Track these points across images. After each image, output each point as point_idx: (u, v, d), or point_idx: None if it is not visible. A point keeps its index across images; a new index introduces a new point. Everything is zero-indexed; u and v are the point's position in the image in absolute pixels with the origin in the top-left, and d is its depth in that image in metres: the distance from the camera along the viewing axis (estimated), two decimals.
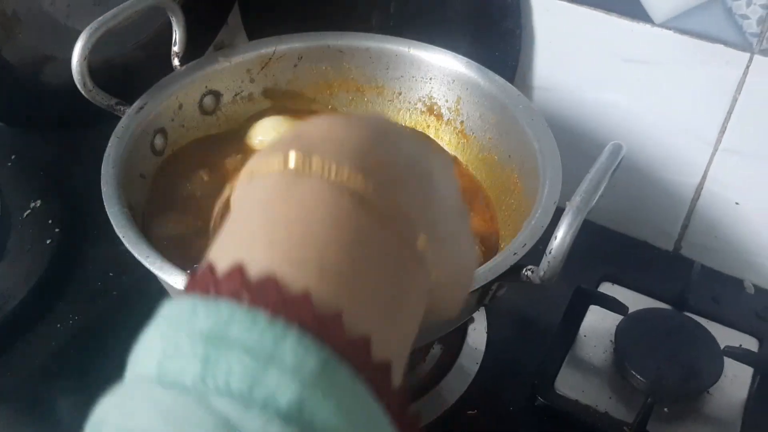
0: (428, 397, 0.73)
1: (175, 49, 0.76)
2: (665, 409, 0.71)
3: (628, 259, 0.90)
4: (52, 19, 0.79)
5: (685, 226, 0.89)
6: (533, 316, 0.83)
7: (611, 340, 0.77)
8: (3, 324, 0.77)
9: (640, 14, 0.78)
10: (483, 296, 0.59)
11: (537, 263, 0.55)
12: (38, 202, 0.91)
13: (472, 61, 0.78)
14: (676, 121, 0.83)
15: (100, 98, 0.70)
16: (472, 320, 0.79)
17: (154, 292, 0.68)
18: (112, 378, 0.78)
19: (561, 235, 0.51)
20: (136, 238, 0.57)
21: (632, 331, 0.75)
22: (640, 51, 0.81)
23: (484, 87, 0.77)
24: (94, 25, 0.66)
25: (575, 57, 0.85)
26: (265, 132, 0.77)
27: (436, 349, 0.77)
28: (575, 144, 0.81)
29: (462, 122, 0.80)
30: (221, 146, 0.78)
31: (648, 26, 0.79)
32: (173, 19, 0.74)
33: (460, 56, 0.79)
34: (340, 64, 0.83)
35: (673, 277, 0.84)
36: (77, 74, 0.67)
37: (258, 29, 1.04)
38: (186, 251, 0.66)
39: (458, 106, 0.80)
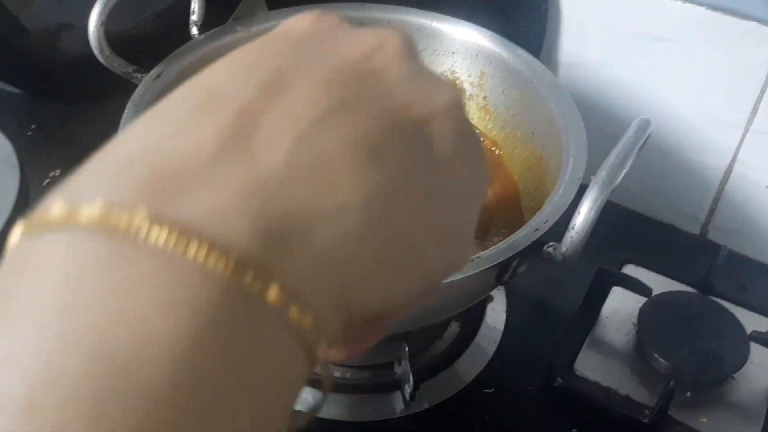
0: (444, 375, 0.72)
1: (194, 17, 0.75)
2: (688, 394, 0.69)
3: (653, 243, 0.88)
4: None
5: (712, 210, 0.87)
6: (554, 297, 0.81)
7: (633, 323, 0.75)
8: None
9: None
10: (502, 273, 0.57)
11: (559, 241, 0.53)
12: (57, 172, 0.91)
13: (496, 35, 0.77)
14: (706, 100, 0.81)
15: (117, 65, 0.69)
16: (491, 299, 0.78)
17: None
18: None
19: (585, 210, 0.49)
20: None
21: (655, 314, 0.74)
22: (669, 28, 0.78)
23: (508, 61, 0.75)
24: None
25: (602, 33, 0.83)
26: None
27: (454, 327, 0.76)
28: (600, 122, 0.78)
29: (485, 97, 0.79)
30: None
31: (678, 2, 0.76)
32: None
33: (484, 29, 0.77)
34: None
35: (698, 261, 0.82)
36: (94, 40, 0.66)
37: (278, 1, 1.02)
38: None
39: (481, 81, 0.78)
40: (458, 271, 0.28)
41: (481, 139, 0.78)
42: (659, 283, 0.78)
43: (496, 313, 0.77)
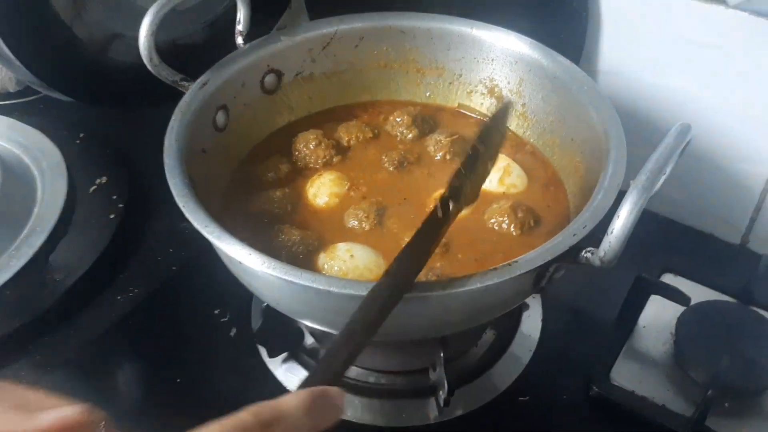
0: (479, 382, 0.73)
1: (239, 27, 0.76)
2: (726, 404, 0.68)
3: (692, 251, 0.87)
4: None
5: (753, 219, 0.86)
6: (590, 305, 0.81)
7: (671, 332, 0.74)
8: (67, 294, 0.80)
9: None
10: (540, 278, 0.57)
11: (598, 247, 0.53)
12: (104, 179, 0.94)
13: (536, 42, 0.77)
14: (748, 108, 0.80)
15: (165, 73, 0.71)
16: (526, 307, 0.78)
17: (211, 268, 0.69)
18: (169, 350, 0.81)
19: (624, 215, 0.49)
20: (195, 208, 0.58)
21: (694, 323, 0.73)
22: (711, 34, 0.78)
23: (547, 68, 0.75)
24: (161, 1, 0.68)
25: (643, 40, 0.83)
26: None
27: (489, 334, 0.76)
28: (640, 129, 0.78)
29: (524, 104, 0.79)
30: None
31: (722, 8, 0.76)
32: None
33: (524, 36, 0.78)
34: (401, 44, 0.83)
35: (738, 270, 0.81)
36: (144, 49, 0.68)
37: (320, 11, 1.04)
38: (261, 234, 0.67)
39: (520, 88, 0.79)
40: None
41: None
42: (698, 293, 0.77)
43: (532, 321, 0.78)
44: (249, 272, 0.57)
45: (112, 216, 0.89)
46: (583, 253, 0.54)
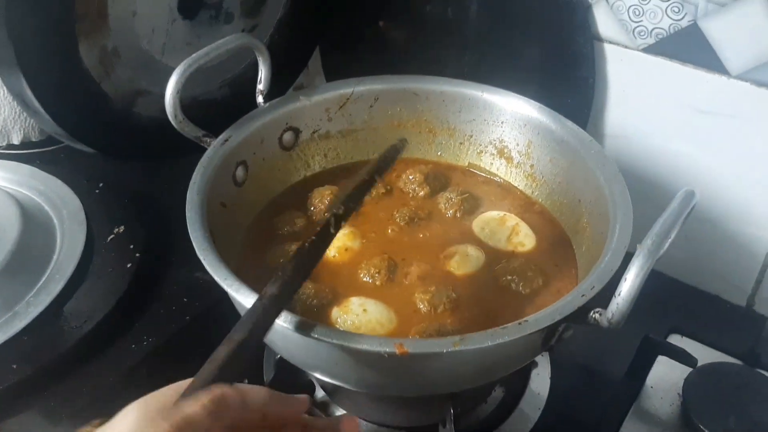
0: None
1: (260, 87, 0.80)
2: None
3: (698, 313, 0.88)
4: (148, 56, 0.85)
5: (759, 281, 0.87)
6: (599, 365, 0.82)
7: (679, 393, 0.75)
8: (81, 342, 0.81)
9: (715, 65, 0.79)
10: (549, 337, 0.59)
11: (606, 306, 0.55)
12: (122, 228, 0.95)
13: (544, 106, 0.80)
14: (751, 173, 0.82)
15: (188, 130, 0.74)
16: (535, 365, 0.79)
17: (225, 319, 0.71)
18: None
19: (631, 278, 0.51)
20: (215, 261, 0.60)
21: (701, 385, 0.74)
22: (715, 102, 0.81)
23: (555, 132, 0.78)
24: (187, 61, 0.71)
25: (649, 106, 0.86)
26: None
27: (498, 392, 0.77)
28: (646, 192, 0.80)
29: (532, 165, 0.82)
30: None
31: (724, 78, 0.79)
32: (260, 58, 0.78)
33: (533, 101, 0.81)
34: (414, 105, 0.86)
35: (745, 332, 0.82)
36: (170, 107, 0.71)
37: (336, 72, 1.08)
38: None
39: (529, 150, 0.81)
40: None
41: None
42: (705, 354, 0.78)
43: (541, 379, 0.78)
44: None
45: (128, 265, 0.90)
46: (591, 313, 0.56)
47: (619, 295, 0.52)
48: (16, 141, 1.11)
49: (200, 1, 0.87)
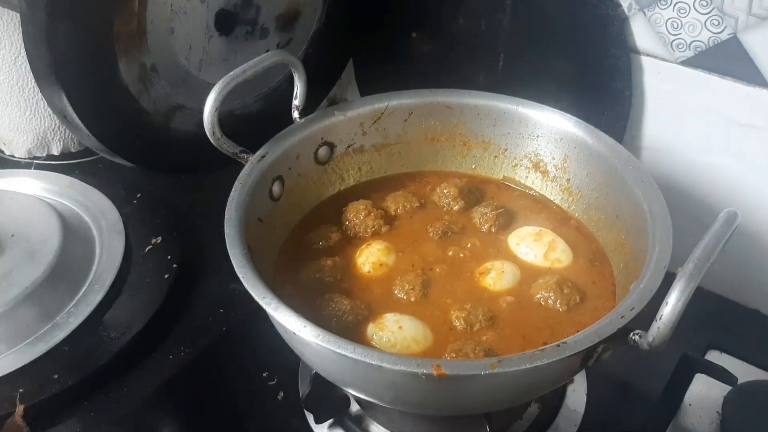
0: None
1: (296, 102, 0.80)
2: None
3: (738, 328, 0.87)
4: (186, 72, 0.86)
5: None
6: (636, 381, 0.81)
7: (718, 411, 0.74)
8: (120, 352, 0.82)
9: (756, 78, 0.77)
10: (587, 358, 0.58)
11: (644, 327, 0.54)
12: (159, 239, 0.97)
13: (581, 120, 0.79)
14: None
15: (226, 146, 0.75)
16: (572, 381, 0.78)
17: (260, 331, 0.72)
18: (217, 410, 0.82)
19: (672, 302, 0.51)
20: (254, 278, 0.61)
21: (741, 403, 0.73)
22: (755, 115, 0.79)
23: (592, 146, 0.77)
24: (225, 79, 0.72)
25: (687, 119, 0.84)
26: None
27: (534, 408, 0.76)
28: (685, 207, 0.80)
29: (568, 180, 0.81)
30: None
31: (765, 91, 0.77)
32: (296, 74, 0.79)
33: (568, 115, 0.80)
34: (448, 119, 0.86)
35: None
36: (208, 124, 0.72)
37: (369, 85, 1.09)
38: (311, 302, 0.69)
39: (565, 164, 0.81)
40: None
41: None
42: (745, 372, 0.77)
43: (577, 396, 0.78)
44: (302, 342, 0.59)
45: (166, 276, 0.92)
46: (631, 335, 0.55)
47: (660, 319, 0.51)
48: (55, 152, 1.13)
49: (236, 17, 0.88)
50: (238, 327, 0.87)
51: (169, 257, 0.94)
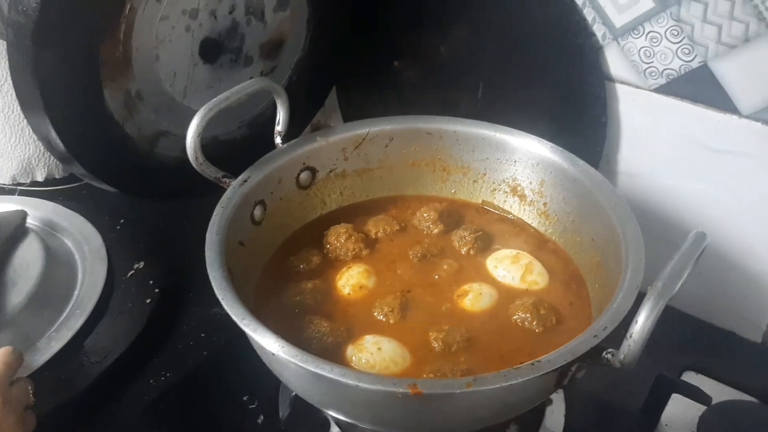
0: None
1: (278, 128, 0.82)
2: None
3: (713, 349, 0.88)
4: (170, 99, 0.87)
5: None
6: (613, 402, 0.82)
7: (693, 431, 0.75)
8: (102, 377, 0.82)
9: (726, 105, 0.80)
10: (562, 377, 0.59)
11: (618, 346, 0.55)
12: (141, 264, 0.97)
13: (557, 146, 0.81)
14: (763, 210, 0.83)
15: (209, 171, 0.76)
16: (550, 402, 0.79)
17: (241, 355, 0.72)
18: None
19: (642, 320, 0.52)
20: (233, 301, 0.62)
21: (716, 423, 0.74)
22: (726, 141, 0.82)
23: (568, 171, 0.79)
24: (209, 105, 0.73)
25: (661, 145, 0.87)
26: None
27: (513, 429, 0.77)
28: (658, 230, 0.81)
29: (545, 203, 0.83)
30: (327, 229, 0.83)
31: (735, 117, 0.80)
32: (278, 101, 0.80)
33: (545, 141, 0.82)
34: (429, 145, 0.87)
35: (760, 369, 0.82)
36: (191, 149, 0.73)
37: (353, 111, 1.10)
38: (292, 324, 0.70)
39: (542, 188, 0.83)
40: None
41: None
42: (719, 392, 0.78)
43: (555, 416, 0.78)
44: (281, 363, 0.60)
45: (148, 300, 0.92)
46: (604, 354, 0.56)
47: (630, 336, 0.53)
48: (39, 178, 1.14)
49: (221, 45, 0.90)
50: (219, 351, 0.88)
51: (151, 282, 0.95)
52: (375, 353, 0.67)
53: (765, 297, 0.87)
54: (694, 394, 0.76)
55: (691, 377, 0.81)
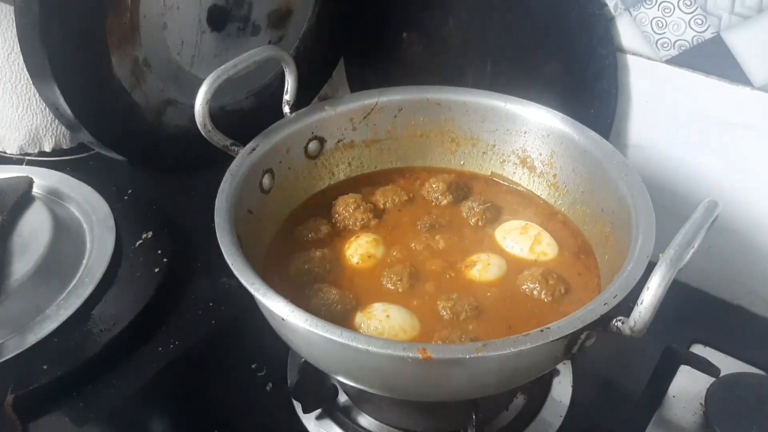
0: None
1: (287, 97, 0.81)
2: None
3: (722, 323, 0.88)
4: (178, 67, 0.87)
5: None
6: (621, 373, 0.82)
7: (701, 403, 0.75)
8: (109, 345, 0.83)
9: (739, 77, 0.79)
10: (571, 345, 0.59)
11: (627, 315, 0.55)
12: (149, 234, 0.98)
13: (567, 117, 0.80)
14: None
15: (217, 139, 0.75)
16: (557, 373, 0.80)
17: (249, 324, 0.73)
18: (206, 402, 0.83)
19: (653, 287, 0.52)
20: (243, 266, 0.61)
21: (724, 395, 0.74)
22: (738, 114, 0.81)
23: (578, 142, 0.79)
24: (216, 72, 0.73)
25: (672, 117, 0.86)
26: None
27: (519, 399, 0.77)
28: (669, 203, 0.80)
29: (555, 175, 0.82)
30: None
31: (747, 89, 0.79)
32: (287, 70, 0.80)
33: (555, 111, 0.81)
34: (438, 116, 0.87)
35: None
36: (199, 116, 0.73)
37: (360, 83, 1.10)
38: (300, 292, 0.70)
39: (551, 160, 0.82)
40: None
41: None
42: (728, 364, 0.78)
43: (563, 388, 0.79)
44: (291, 329, 0.60)
45: (156, 270, 0.92)
46: (613, 322, 0.56)
47: (641, 303, 0.52)
48: (47, 148, 1.14)
49: (228, 13, 0.89)
50: (227, 320, 0.88)
51: (159, 252, 0.95)
52: (384, 320, 0.67)
53: None
54: (703, 365, 0.76)
55: (699, 350, 0.81)
